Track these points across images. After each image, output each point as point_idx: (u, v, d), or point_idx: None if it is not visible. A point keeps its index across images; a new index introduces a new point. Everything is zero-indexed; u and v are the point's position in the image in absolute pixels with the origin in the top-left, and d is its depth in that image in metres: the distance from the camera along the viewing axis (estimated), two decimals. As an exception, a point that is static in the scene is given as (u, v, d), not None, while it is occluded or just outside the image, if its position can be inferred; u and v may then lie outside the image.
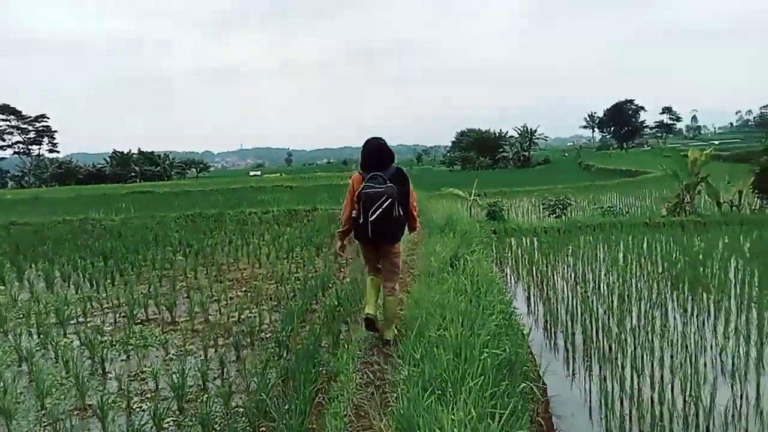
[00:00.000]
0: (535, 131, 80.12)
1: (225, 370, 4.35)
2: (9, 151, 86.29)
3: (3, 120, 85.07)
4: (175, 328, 5.61)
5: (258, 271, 8.16)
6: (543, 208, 15.49)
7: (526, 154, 79.50)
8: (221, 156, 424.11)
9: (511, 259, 10.48)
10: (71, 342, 5.35)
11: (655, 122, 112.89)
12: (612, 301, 6.87)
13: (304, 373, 3.74)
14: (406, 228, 4.58)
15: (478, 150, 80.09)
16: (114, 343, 5.23)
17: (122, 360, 4.83)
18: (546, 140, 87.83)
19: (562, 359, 5.22)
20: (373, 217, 4.13)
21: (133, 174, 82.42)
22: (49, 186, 69.06)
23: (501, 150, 79.86)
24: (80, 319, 6.11)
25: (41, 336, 5.53)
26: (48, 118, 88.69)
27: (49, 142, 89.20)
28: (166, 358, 4.80)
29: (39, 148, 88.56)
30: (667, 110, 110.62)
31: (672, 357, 4.96)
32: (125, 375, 4.37)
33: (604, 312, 6.43)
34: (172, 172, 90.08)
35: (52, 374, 4.47)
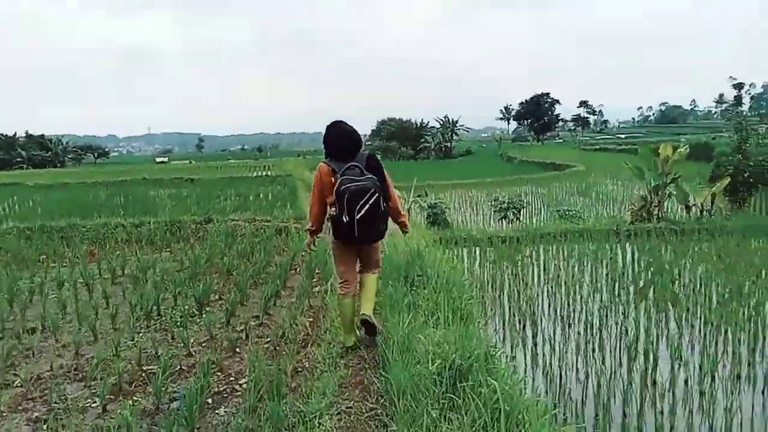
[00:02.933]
0: (457, 122, 79.27)
1: None
2: None
3: None
4: None
5: (87, 351, 4.47)
6: (494, 211, 13.24)
7: (448, 144, 78.52)
8: (126, 141, 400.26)
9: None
10: None
11: (573, 116, 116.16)
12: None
13: None
14: (400, 229, 4.41)
15: (399, 140, 78.16)
16: None
17: None
18: (468, 131, 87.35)
19: None
20: (360, 215, 3.73)
21: (19, 159, 73.71)
22: None
23: (423, 140, 78.38)
24: None
25: None
26: None
27: None
28: None
29: None
30: (583, 104, 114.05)
31: None
32: None
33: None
34: (66, 158, 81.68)
35: None
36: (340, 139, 3.96)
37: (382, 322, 4.27)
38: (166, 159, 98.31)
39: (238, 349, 4.33)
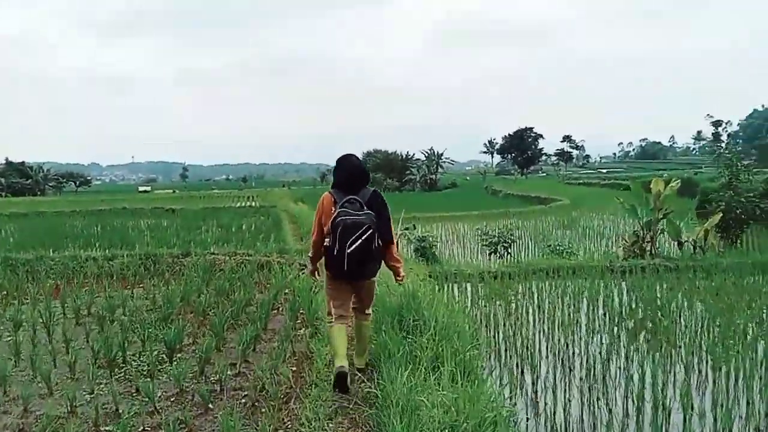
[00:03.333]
0: (442, 154, 79.84)
1: None
2: None
3: None
4: None
5: (38, 406, 3.90)
6: (483, 245, 12.89)
7: (433, 177, 78.84)
8: (110, 169, 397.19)
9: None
10: None
11: (557, 150, 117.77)
12: None
13: None
14: (392, 274, 4.31)
15: (385, 172, 78.32)
16: None
17: None
18: (453, 164, 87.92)
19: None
20: (351, 249, 3.68)
21: (-2, 187, 72.36)
22: None
23: (408, 172, 78.64)
24: None
25: None
26: None
27: None
28: None
29: None
30: (567, 138, 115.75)
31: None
32: None
33: None
34: (46, 186, 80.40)
35: None
36: (346, 171, 4.01)
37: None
38: (149, 188, 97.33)
39: (211, 405, 3.83)
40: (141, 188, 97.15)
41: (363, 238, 3.71)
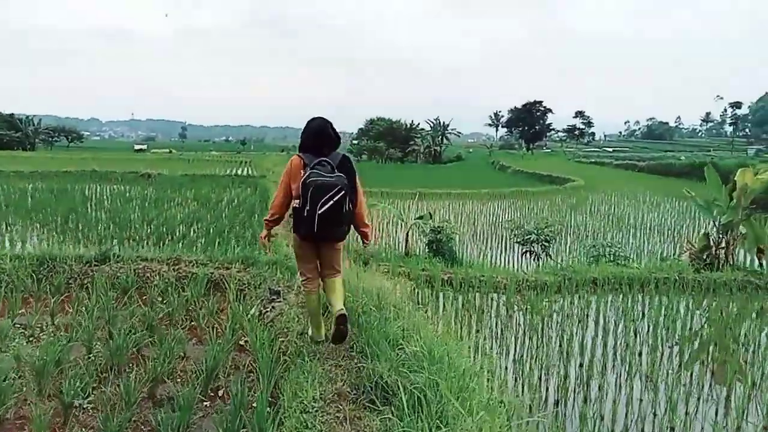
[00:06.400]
0: (448, 125, 76.73)
1: None
2: None
3: None
4: None
5: None
6: (515, 241, 10.43)
7: (438, 149, 75.90)
8: (110, 125, 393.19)
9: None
10: None
11: (568, 126, 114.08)
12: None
13: None
14: (361, 240, 4.32)
15: (387, 141, 75.41)
16: None
17: None
18: (459, 136, 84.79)
19: None
20: (322, 210, 3.63)
21: (-17, 138, 69.48)
22: None
23: (412, 143, 75.69)
24: None
25: None
26: None
27: None
28: None
29: None
30: (579, 114, 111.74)
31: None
32: None
33: None
34: (37, 140, 77.48)
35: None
36: (316, 134, 3.92)
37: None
38: (145, 146, 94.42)
39: None
40: (137, 146, 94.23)
41: (334, 200, 3.65)
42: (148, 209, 11.35)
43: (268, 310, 4.37)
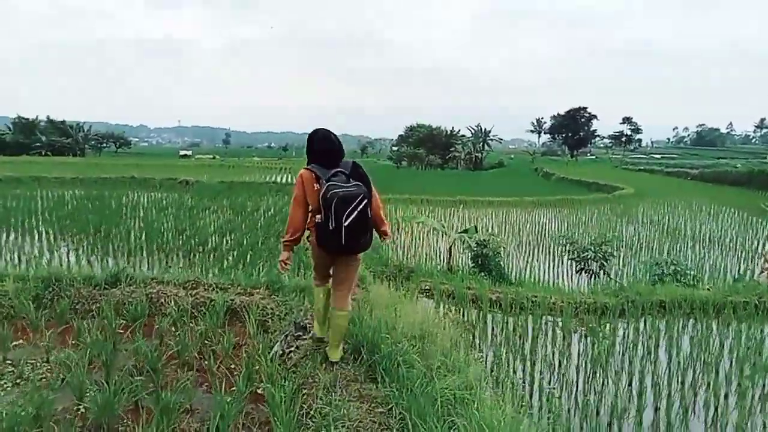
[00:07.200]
0: (490, 132, 75.35)
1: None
2: None
3: None
4: None
5: None
6: (569, 258, 9.58)
7: (479, 155, 74.61)
8: (157, 132, 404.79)
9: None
10: None
11: (615, 132, 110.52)
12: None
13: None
14: (380, 237, 4.04)
15: (427, 147, 74.55)
16: None
17: None
18: (500, 142, 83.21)
19: None
20: (348, 222, 3.47)
21: (38, 144, 71.91)
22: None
23: (452, 149, 74.60)
24: None
25: None
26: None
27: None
28: None
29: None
30: (627, 120, 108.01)
31: None
32: None
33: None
34: (86, 146, 79.84)
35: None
36: (326, 145, 3.74)
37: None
38: (190, 152, 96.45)
39: None
40: (182, 152, 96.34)
41: (358, 210, 3.49)
42: (182, 219, 11.00)
43: (293, 349, 3.76)
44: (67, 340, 4.04)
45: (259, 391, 3.35)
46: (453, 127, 79.63)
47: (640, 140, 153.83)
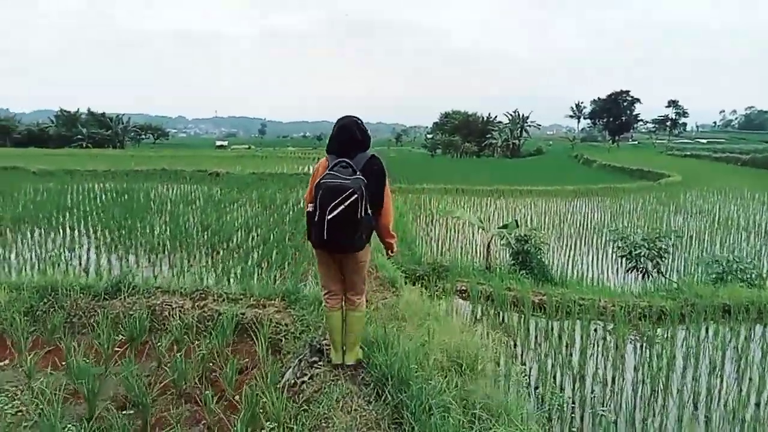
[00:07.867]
0: (527, 118, 73.50)
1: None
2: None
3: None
4: None
5: None
6: (618, 255, 8.78)
7: (516, 142, 72.92)
8: (195, 123, 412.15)
9: None
10: None
11: (660, 116, 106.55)
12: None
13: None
14: (384, 251, 3.88)
15: (463, 134, 73.27)
16: None
17: None
18: (538, 128, 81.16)
19: None
20: (331, 215, 3.28)
21: (79, 137, 73.71)
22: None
23: (489, 136, 73.10)
24: None
25: None
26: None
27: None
28: None
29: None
30: (673, 104, 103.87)
31: None
32: None
33: None
34: (125, 137, 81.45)
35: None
36: (340, 134, 3.60)
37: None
38: (225, 143, 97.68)
39: None
40: (218, 143, 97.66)
41: (345, 204, 3.26)
42: (209, 213, 10.66)
43: (306, 378, 3.25)
44: (57, 362, 3.61)
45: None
46: (489, 114, 78.07)
47: (684, 124, 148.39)
